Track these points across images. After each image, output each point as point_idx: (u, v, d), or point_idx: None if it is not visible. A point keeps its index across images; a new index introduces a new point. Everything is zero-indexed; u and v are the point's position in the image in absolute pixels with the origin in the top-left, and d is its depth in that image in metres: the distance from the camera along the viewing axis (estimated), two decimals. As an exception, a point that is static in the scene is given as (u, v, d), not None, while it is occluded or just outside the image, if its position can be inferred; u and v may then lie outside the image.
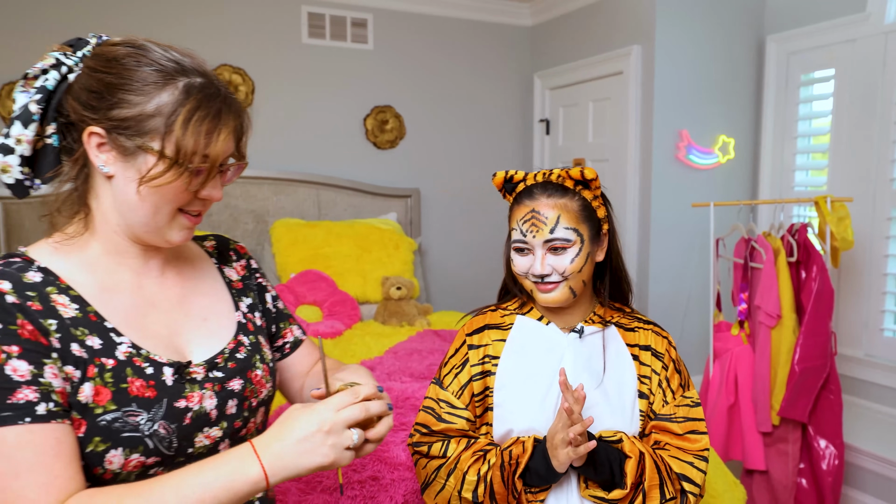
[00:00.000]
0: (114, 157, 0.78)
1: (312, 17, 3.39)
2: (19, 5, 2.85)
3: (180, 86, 0.78)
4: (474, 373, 1.13)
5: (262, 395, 0.91)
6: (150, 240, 0.83)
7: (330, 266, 3.01)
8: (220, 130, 0.79)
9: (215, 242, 1.00)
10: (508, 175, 1.13)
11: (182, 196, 0.80)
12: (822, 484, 2.25)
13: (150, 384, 0.78)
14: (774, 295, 2.25)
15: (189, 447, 0.80)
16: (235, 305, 0.95)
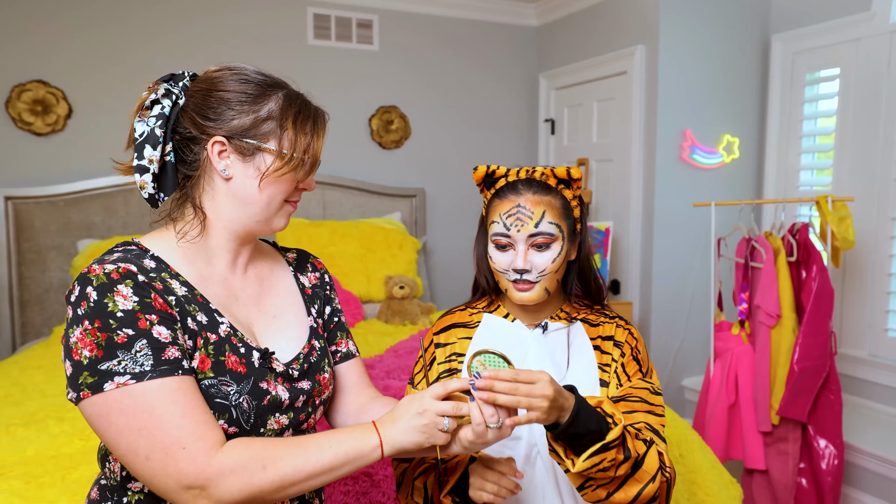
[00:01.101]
0: (234, 161, 0.91)
1: (318, 18, 3.42)
2: (29, 10, 2.91)
3: (281, 95, 0.94)
4: (441, 370, 1.15)
5: (325, 395, 1.01)
6: (258, 228, 0.95)
7: (334, 265, 3.04)
8: (319, 128, 0.97)
9: (296, 255, 1.12)
10: (490, 170, 1.13)
11: (290, 187, 0.95)
12: (822, 483, 2.25)
13: (243, 361, 0.89)
14: (774, 294, 2.25)
15: (262, 427, 0.90)
16: (308, 310, 1.05)
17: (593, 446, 0.91)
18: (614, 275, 3.38)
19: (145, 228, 3.11)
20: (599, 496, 0.97)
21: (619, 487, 0.97)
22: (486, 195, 1.16)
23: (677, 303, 3.19)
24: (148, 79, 0.98)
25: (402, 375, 2.04)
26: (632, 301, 3.22)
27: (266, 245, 1.09)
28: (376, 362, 2.21)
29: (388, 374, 2.07)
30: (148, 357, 0.81)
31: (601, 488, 0.96)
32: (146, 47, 3.11)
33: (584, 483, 0.96)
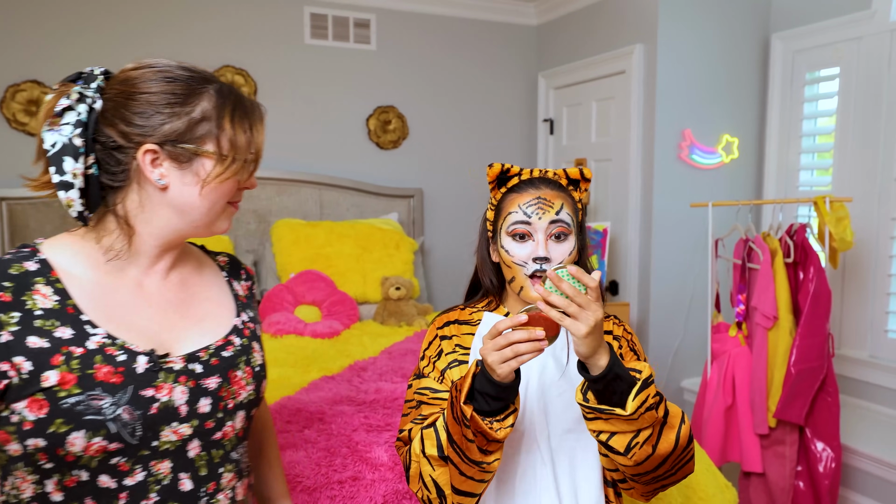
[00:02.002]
0: (169, 169, 0.85)
1: (315, 17, 3.41)
2: (24, 10, 2.91)
3: (212, 91, 0.87)
4: (450, 360, 1.14)
5: (240, 396, 0.92)
6: (197, 234, 0.91)
7: (331, 266, 3.03)
8: (257, 123, 0.90)
9: (228, 259, 1.07)
10: (505, 167, 1.15)
11: (233, 188, 0.89)
12: (819, 486, 2.22)
13: (119, 371, 0.82)
14: (771, 296, 2.22)
15: (154, 439, 0.83)
16: (237, 312, 1.00)
17: (636, 385, 0.93)
18: (612, 275, 3.36)
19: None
20: (647, 452, 0.96)
21: (660, 436, 0.97)
22: (497, 194, 1.17)
23: (676, 303, 3.16)
24: None
25: (395, 378, 2.03)
26: (630, 302, 3.19)
27: (194, 248, 1.03)
28: (369, 364, 2.19)
29: (381, 376, 2.06)
30: None
31: (647, 443, 0.96)
32: (141, 48, 3.10)
33: (630, 442, 0.95)
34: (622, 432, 0.96)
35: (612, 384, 0.94)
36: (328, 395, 1.88)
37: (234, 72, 3.27)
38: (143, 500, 0.83)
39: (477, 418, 0.92)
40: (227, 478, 0.91)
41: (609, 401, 0.95)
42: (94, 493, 0.81)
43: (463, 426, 0.93)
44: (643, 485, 1.05)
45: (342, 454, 1.51)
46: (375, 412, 1.75)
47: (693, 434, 2.36)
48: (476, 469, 0.96)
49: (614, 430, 0.96)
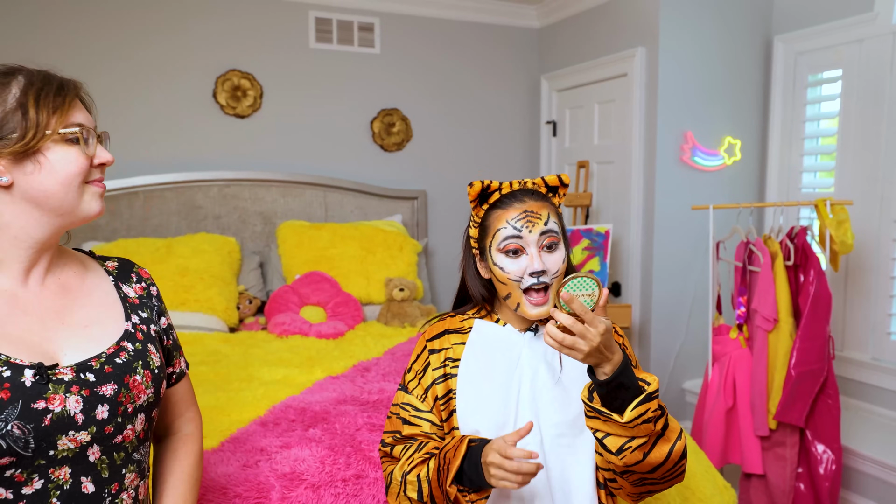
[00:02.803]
0: (6, 164, 0.84)
1: (320, 21, 3.44)
2: (34, 12, 2.95)
3: (21, 78, 0.87)
4: (436, 376, 1.16)
5: (139, 401, 0.92)
6: (68, 222, 0.89)
7: (335, 267, 3.06)
8: (70, 96, 0.89)
9: (117, 264, 1.05)
10: (485, 184, 1.15)
11: (82, 166, 0.88)
12: (820, 488, 2.24)
13: (6, 386, 0.80)
14: (771, 299, 2.24)
15: (51, 449, 0.82)
16: (127, 316, 0.98)
17: (639, 397, 0.98)
18: (614, 277, 3.37)
19: (149, 231, 3.15)
20: (637, 458, 1.01)
21: (652, 446, 1.02)
22: (479, 211, 1.17)
23: (678, 305, 3.18)
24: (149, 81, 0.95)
25: (398, 378, 2.05)
26: (631, 303, 3.21)
27: (77, 253, 1.02)
28: (373, 365, 2.22)
29: (384, 376, 2.08)
30: None
31: (638, 449, 1.00)
32: (148, 50, 3.14)
33: (623, 445, 1.00)
34: (616, 435, 1.00)
35: (616, 391, 0.98)
36: (332, 395, 1.90)
37: (241, 75, 3.30)
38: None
39: (460, 498, 1.02)
40: (130, 478, 0.92)
41: (610, 405, 0.99)
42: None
43: (446, 499, 1.04)
44: (630, 484, 1.09)
45: (346, 453, 1.53)
46: (379, 412, 1.77)
47: (693, 436, 2.37)
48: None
49: (609, 432, 1.00)
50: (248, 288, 3.08)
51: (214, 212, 3.27)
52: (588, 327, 0.95)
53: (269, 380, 2.09)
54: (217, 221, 3.28)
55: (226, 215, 3.30)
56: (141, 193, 3.13)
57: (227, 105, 3.30)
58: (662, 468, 1.04)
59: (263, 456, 1.52)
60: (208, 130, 3.29)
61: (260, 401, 1.88)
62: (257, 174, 3.34)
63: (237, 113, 3.32)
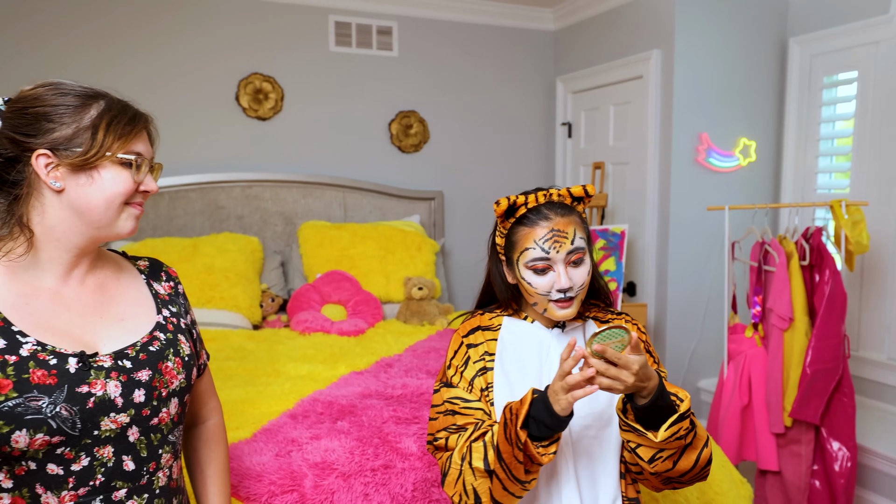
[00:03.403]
0: (63, 172, 0.91)
1: (339, 25, 3.51)
2: (47, 14, 3.04)
3: (101, 103, 0.95)
4: (477, 369, 1.20)
5: (172, 385, 1.00)
6: (100, 235, 0.96)
7: (355, 266, 3.12)
8: (138, 128, 0.97)
9: (148, 263, 1.13)
10: (512, 200, 1.17)
11: (128, 188, 0.95)
12: (835, 486, 2.26)
13: (53, 373, 0.89)
14: (787, 298, 2.27)
15: (95, 429, 0.90)
16: (158, 310, 1.06)
17: (672, 416, 1.04)
18: (630, 277, 3.41)
19: (174, 231, 3.23)
20: (667, 466, 1.08)
21: (681, 456, 1.09)
22: (506, 224, 1.20)
23: (693, 305, 3.21)
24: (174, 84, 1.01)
25: (420, 374, 2.11)
26: (647, 303, 3.25)
27: (112, 254, 1.09)
28: (395, 361, 2.28)
29: (407, 372, 2.14)
30: None
31: (669, 459, 1.07)
32: (172, 54, 3.22)
33: (654, 455, 1.07)
34: (648, 447, 1.07)
35: (650, 412, 1.05)
36: (358, 390, 1.96)
37: (262, 79, 3.38)
38: (91, 481, 0.91)
39: (529, 443, 1.02)
40: (165, 458, 1.00)
41: (645, 421, 1.06)
42: (43, 480, 0.88)
43: (515, 448, 1.03)
44: (656, 482, 1.16)
45: (374, 444, 1.59)
46: (403, 406, 1.83)
47: (710, 433, 2.43)
48: (518, 486, 1.06)
49: (642, 444, 1.08)
50: (270, 286, 3.15)
51: (237, 212, 3.35)
52: (621, 371, 1.01)
53: (295, 375, 2.15)
54: (239, 221, 3.35)
55: (248, 215, 3.37)
56: (166, 194, 3.21)
57: (249, 108, 3.38)
58: (689, 473, 1.12)
59: (295, 446, 1.58)
60: (231, 132, 3.37)
61: (288, 394, 1.94)
62: (278, 175, 3.41)
63: (259, 115, 3.40)
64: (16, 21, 2.97)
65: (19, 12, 2.97)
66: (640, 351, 1.04)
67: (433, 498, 1.48)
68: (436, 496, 1.49)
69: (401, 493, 1.46)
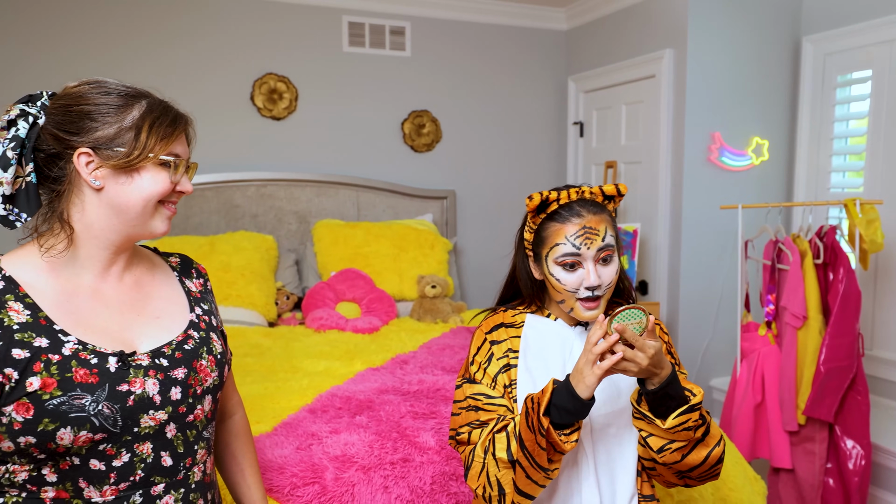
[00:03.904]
0: (103, 171, 0.93)
1: (353, 26, 3.54)
2: (69, 18, 3.09)
3: (144, 103, 0.96)
4: (501, 365, 1.21)
5: (206, 383, 1.02)
6: (136, 233, 0.98)
7: (369, 265, 3.15)
8: (178, 130, 0.98)
9: (179, 260, 1.15)
10: (544, 196, 1.17)
11: (164, 188, 0.97)
12: (849, 484, 2.27)
13: (94, 372, 0.90)
14: (801, 296, 2.28)
15: (135, 426, 0.93)
16: (191, 308, 1.08)
17: (682, 406, 1.07)
18: (642, 275, 3.42)
19: (190, 229, 3.27)
20: (675, 458, 1.11)
21: (691, 450, 1.11)
22: (537, 220, 1.20)
23: (705, 303, 3.22)
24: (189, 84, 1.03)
25: (436, 371, 2.13)
26: (659, 301, 3.26)
27: (146, 251, 1.11)
28: (410, 358, 2.30)
29: (422, 369, 2.17)
30: None
31: (677, 451, 1.10)
32: (187, 55, 3.26)
33: (664, 445, 1.10)
34: (659, 437, 1.10)
35: (662, 400, 1.08)
36: (374, 386, 1.99)
37: (277, 79, 3.41)
38: (131, 476, 0.93)
39: (552, 430, 1.03)
40: (201, 454, 1.02)
41: (656, 410, 1.09)
42: (86, 475, 0.90)
43: (538, 435, 1.04)
44: (669, 475, 1.18)
45: (392, 438, 1.62)
46: (420, 401, 1.86)
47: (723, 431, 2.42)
48: (542, 474, 1.08)
49: (652, 433, 1.10)
50: (285, 284, 3.19)
51: (252, 211, 3.39)
52: (637, 353, 1.04)
53: (312, 371, 2.18)
54: (254, 220, 3.39)
55: (262, 214, 3.41)
56: (183, 193, 3.24)
57: (263, 107, 3.41)
58: (699, 469, 1.14)
59: (315, 440, 1.61)
60: (246, 132, 3.41)
61: (306, 390, 1.97)
62: (293, 174, 3.45)
63: (273, 115, 3.43)
64: (32, 19, 3.02)
65: (36, 10, 3.02)
66: (655, 337, 1.06)
67: (451, 491, 1.50)
68: (454, 489, 1.51)
69: (420, 486, 1.49)
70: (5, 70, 2.98)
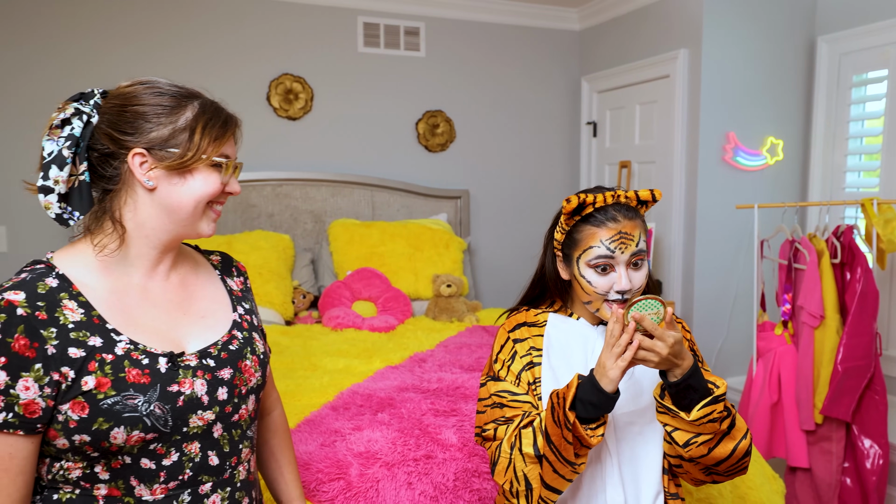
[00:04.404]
0: (157, 172, 0.94)
1: (368, 26, 3.56)
2: (83, 18, 3.13)
3: (196, 104, 0.97)
4: (524, 363, 1.23)
5: (251, 383, 1.03)
6: (184, 234, 0.99)
7: (384, 264, 3.17)
8: (229, 130, 0.99)
9: (220, 258, 1.15)
10: (581, 199, 1.18)
11: (215, 189, 0.98)
12: (867, 483, 2.27)
13: (146, 372, 0.91)
14: (817, 295, 2.28)
15: (184, 426, 0.94)
16: (234, 307, 1.09)
17: (706, 398, 1.08)
18: (656, 275, 3.43)
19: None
20: (702, 452, 1.11)
21: (718, 443, 1.11)
22: (570, 222, 1.21)
23: (719, 303, 3.22)
24: (206, 85, 1.04)
25: (454, 369, 2.15)
26: (674, 301, 3.26)
27: (188, 249, 1.11)
28: (428, 356, 2.32)
29: (441, 367, 2.19)
30: None
31: (704, 444, 1.10)
32: (204, 56, 3.29)
33: (689, 439, 1.10)
34: (684, 430, 1.10)
35: (685, 392, 1.09)
36: (394, 384, 2.01)
37: (293, 79, 3.44)
38: (180, 475, 0.94)
39: (578, 424, 1.04)
40: (245, 452, 1.04)
41: (679, 404, 1.10)
42: (137, 474, 0.92)
43: (564, 429, 1.06)
44: (697, 472, 1.18)
45: (415, 435, 1.64)
46: (440, 399, 1.88)
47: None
48: (569, 469, 1.09)
49: (677, 427, 1.11)
50: (301, 283, 3.22)
51: (268, 210, 3.42)
52: (656, 342, 1.05)
53: (331, 369, 2.21)
54: (270, 219, 3.42)
55: (278, 213, 3.44)
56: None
57: (279, 108, 3.44)
58: (726, 463, 1.14)
59: (338, 437, 1.64)
60: (262, 132, 3.44)
61: (327, 387, 2.00)
62: (308, 174, 3.48)
63: (289, 115, 3.46)
64: (49, 20, 3.06)
65: (53, 10, 3.06)
66: (674, 327, 1.08)
67: (474, 487, 1.52)
68: (476, 486, 1.53)
69: (443, 482, 1.51)
70: (23, 69, 3.02)
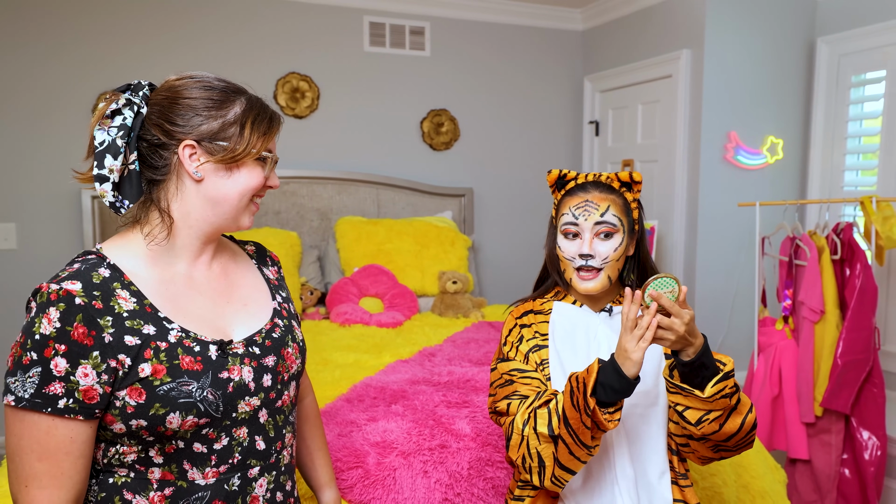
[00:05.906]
0: (204, 163, 0.96)
1: (373, 26, 3.60)
2: (92, 18, 3.16)
3: (243, 99, 1.00)
4: (531, 345, 1.29)
5: (292, 370, 1.07)
6: (226, 226, 1.01)
7: (391, 261, 3.22)
8: (274, 129, 1.02)
9: (255, 248, 1.19)
10: (562, 173, 1.30)
11: (259, 183, 1.01)
12: (865, 474, 2.33)
13: (198, 359, 0.95)
14: (818, 291, 2.33)
15: (233, 412, 0.97)
16: (272, 296, 1.12)
17: (718, 374, 1.12)
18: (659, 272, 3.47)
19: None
20: (714, 428, 1.15)
21: (727, 418, 1.15)
22: (557, 196, 1.33)
23: (720, 300, 3.27)
24: None
25: (464, 363, 2.20)
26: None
27: (225, 239, 1.14)
28: (437, 351, 2.37)
29: (450, 361, 2.23)
30: (33, 385, 0.85)
31: (715, 421, 1.15)
32: (210, 52, 3.33)
33: (701, 417, 1.14)
34: (696, 408, 1.14)
35: (697, 370, 1.13)
36: (406, 377, 2.06)
37: (299, 78, 3.48)
38: (230, 459, 0.98)
39: (598, 410, 1.08)
40: (288, 437, 1.07)
41: (691, 381, 1.14)
42: (190, 458, 0.95)
43: (583, 414, 1.09)
44: (706, 450, 1.22)
45: (429, 425, 1.69)
46: (452, 391, 1.92)
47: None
48: (584, 451, 1.13)
49: (690, 406, 1.15)
50: (308, 280, 3.26)
51: (274, 207, 3.46)
52: (674, 320, 1.09)
53: (343, 363, 2.25)
54: (277, 217, 3.46)
55: (285, 211, 3.48)
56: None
57: (286, 106, 3.48)
58: (736, 437, 1.18)
59: (355, 427, 1.68)
60: (269, 131, 3.47)
61: (339, 381, 2.04)
62: (314, 172, 3.52)
63: (296, 114, 3.50)
64: (58, 20, 3.09)
65: (61, 11, 3.10)
66: (688, 306, 1.11)
67: (488, 476, 1.57)
68: (490, 475, 1.58)
69: (458, 470, 1.55)
70: (32, 70, 3.05)
